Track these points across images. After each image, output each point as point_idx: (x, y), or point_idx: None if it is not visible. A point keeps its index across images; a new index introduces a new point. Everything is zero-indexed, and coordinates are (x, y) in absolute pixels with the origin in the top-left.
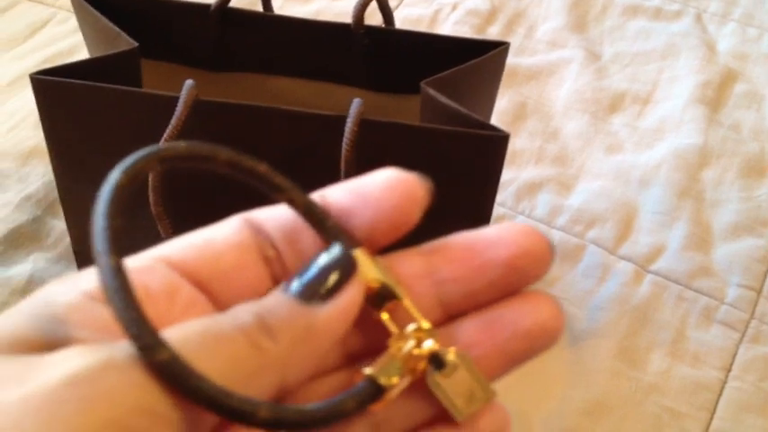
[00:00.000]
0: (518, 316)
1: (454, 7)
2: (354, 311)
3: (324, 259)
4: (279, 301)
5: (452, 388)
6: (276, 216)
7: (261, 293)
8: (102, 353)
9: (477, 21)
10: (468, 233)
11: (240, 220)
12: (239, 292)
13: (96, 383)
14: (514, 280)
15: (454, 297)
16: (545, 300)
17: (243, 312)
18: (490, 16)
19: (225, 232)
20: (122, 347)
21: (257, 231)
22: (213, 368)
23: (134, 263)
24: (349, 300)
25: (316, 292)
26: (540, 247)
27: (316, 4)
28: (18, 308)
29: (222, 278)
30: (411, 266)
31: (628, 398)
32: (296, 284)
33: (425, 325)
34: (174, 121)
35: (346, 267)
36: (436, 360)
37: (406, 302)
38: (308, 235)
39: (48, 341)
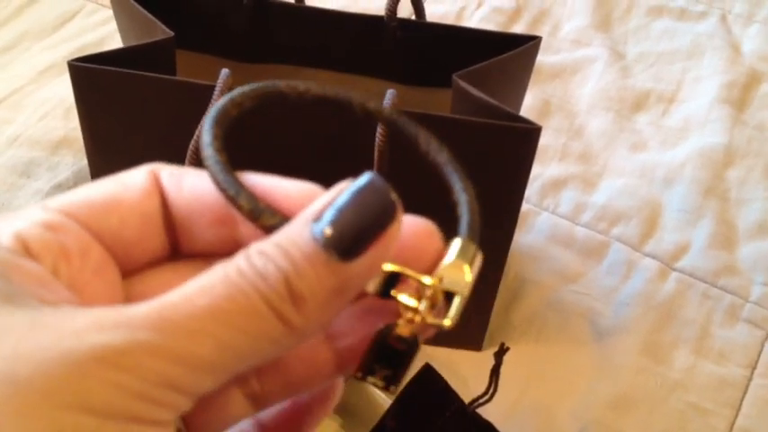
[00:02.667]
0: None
1: (479, 4)
2: (390, 256)
3: (355, 190)
4: (306, 253)
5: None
6: (193, 186)
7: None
8: (124, 329)
9: (502, 18)
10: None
11: (148, 176)
12: (140, 258)
13: (126, 360)
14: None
15: None
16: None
17: (270, 270)
18: (515, 14)
19: (133, 193)
20: (141, 324)
21: (165, 192)
22: (236, 344)
23: (44, 215)
24: (388, 246)
25: (351, 241)
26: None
27: (340, 1)
28: None
29: (123, 243)
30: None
31: (653, 393)
32: (325, 226)
33: (426, 280)
34: (210, 109)
35: (386, 203)
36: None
37: (408, 272)
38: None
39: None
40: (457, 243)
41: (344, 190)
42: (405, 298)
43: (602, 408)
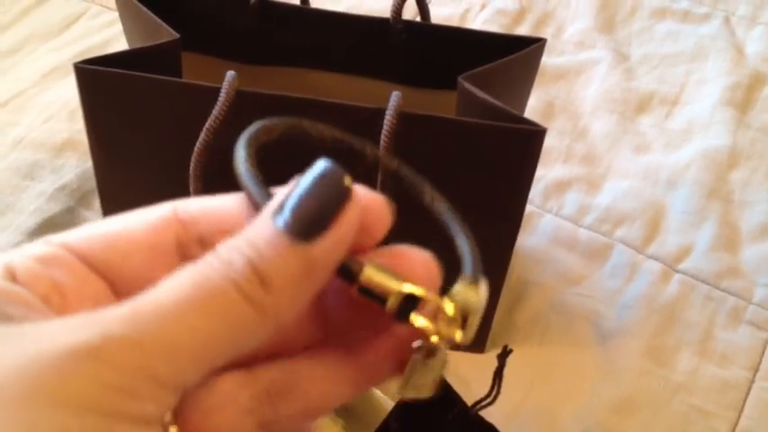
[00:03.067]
0: None
1: (483, 6)
2: (351, 237)
3: (310, 178)
4: (269, 240)
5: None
6: (212, 210)
7: None
8: (98, 326)
9: (506, 20)
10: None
11: (167, 211)
12: (142, 288)
13: (101, 354)
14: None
15: None
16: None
17: (234, 257)
18: (518, 16)
19: (141, 227)
20: (114, 320)
21: (185, 227)
22: (208, 330)
23: (40, 249)
24: (346, 226)
25: (309, 223)
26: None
27: (346, 2)
28: None
29: (127, 278)
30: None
31: (656, 396)
32: (286, 214)
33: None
34: (215, 111)
35: (339, 186)
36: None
37: (430, 296)
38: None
39: None
40: (465, 276)
41: (301, 180)
42: (422, 321)
43: (606, 410)
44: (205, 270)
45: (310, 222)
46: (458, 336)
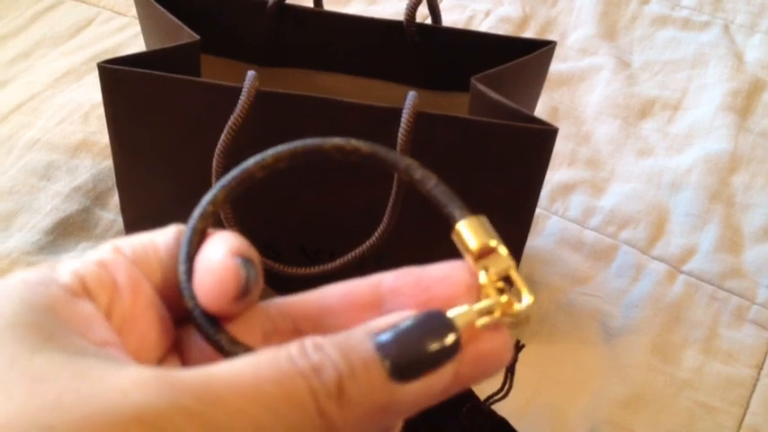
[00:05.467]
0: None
1: (487, 14)
2: (441, 389)
3: (424, 321)
4: (367, 363)
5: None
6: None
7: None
8: (168, 395)
9: (510, 27)
10: (418, 268)
11: (176, 231)
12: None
13: (165, 423)
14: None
15: None
16: (498, 332)
17: (325, 366)
18: (522, 23)
19: (165, 240)
20: (185, 391)
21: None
22: (272, 428)
23: (101, 254)
24: (440, 379)
25: (410, 367)
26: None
27: (353, 8)
28: (9, 294)
29: (167, 288)
30: (360, 298)
31: (662, 392)
32: (390, 346)
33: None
34: (237, 110)
35: (452, 346)
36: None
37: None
38: None
39: (44, 331)
40: (465, 225)
41: (409, 316)
42: (481, 305)
43: (613, 407)
44: (287, 367)
45: (410, 363)
46: (515, 306)
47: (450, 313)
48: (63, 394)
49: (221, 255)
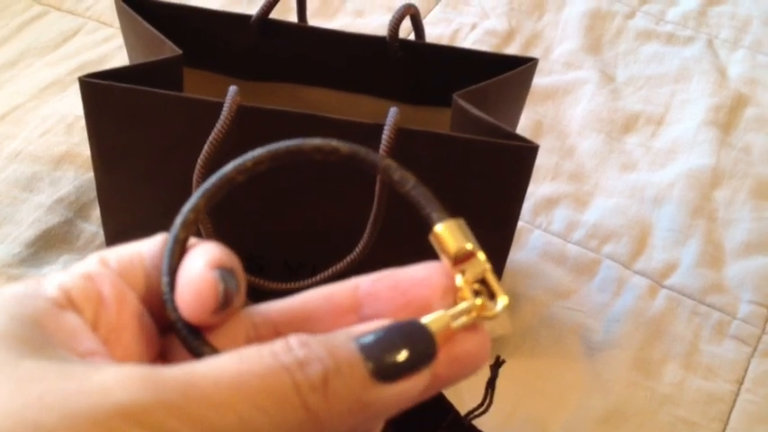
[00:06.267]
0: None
1: (473, 27)
2: (418, 391)
3: (405, 328)
4: (352, 362)
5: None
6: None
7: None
8: (152, 389)
9: (496, 41)
10: (395, 271)
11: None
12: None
13: (150, 419)
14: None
15: None
16: (475, 333)
17: (312, 361)
18: (508, 36)
19: (151, 249)
20: (168, 386)
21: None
22: (256, 423)
23: (87, 267)
24: (418, 382)
25: (392, 371)
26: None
27: (339, 21)
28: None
29: (151, 297)
30: (340, 301)
31: (643, 407)
32: (374, 349)
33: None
34: (218, 125)
35: (428, 352)
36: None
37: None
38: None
39: (31, 342)
40: (442, 228)
41: (390, 323)
42: (457, 308)
43: (594, 421)
44: (271, 362)
45: (393, 370)
46: (490, 309)
47: (427, 318)
48: (47, 393)
49: (200, 267)
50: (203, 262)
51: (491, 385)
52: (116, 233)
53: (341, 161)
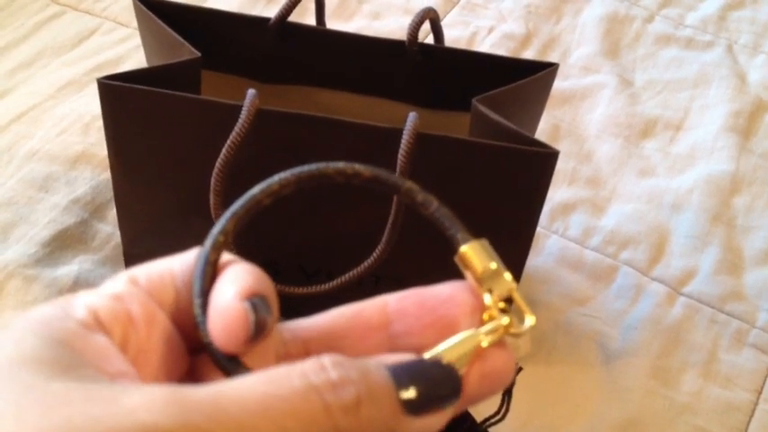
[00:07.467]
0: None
1: (490, 30)
2: (439, 427)
3: (434, 366)
4: (386, 392)
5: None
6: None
7: None
8: (178, 413)
9: (513, 44)
10: (421, 289)
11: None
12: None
13: None
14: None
15: (407, 349)
16: (502, 350)
17: (347, 385)
18: (525, 40)
19: (182, 268)
20: (195, 409)
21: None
22: None
23: (116, 287)
24: (440, 420)
25: (423, 407)
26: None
27: (356, 23)
28: (26, 330)
29: (183, 317)
30: (369, 318)
31: (661, 416)
32: (406, 381)
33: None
34: (237, 128)
35: (456, 390)
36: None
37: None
38: None
39: (60, 364)
40: (467, 249)
41: (420, 358)
42: (486, 327)
43: (611, 429)
44: (300, 384)
45: (422, 404)
46: (517, 327)
47: (460, 336)
48: (74, 416)
49: (230, 298)
50: (233, 292)
51: (507, 393)
52: (132, 234)
53: (363, 184)
